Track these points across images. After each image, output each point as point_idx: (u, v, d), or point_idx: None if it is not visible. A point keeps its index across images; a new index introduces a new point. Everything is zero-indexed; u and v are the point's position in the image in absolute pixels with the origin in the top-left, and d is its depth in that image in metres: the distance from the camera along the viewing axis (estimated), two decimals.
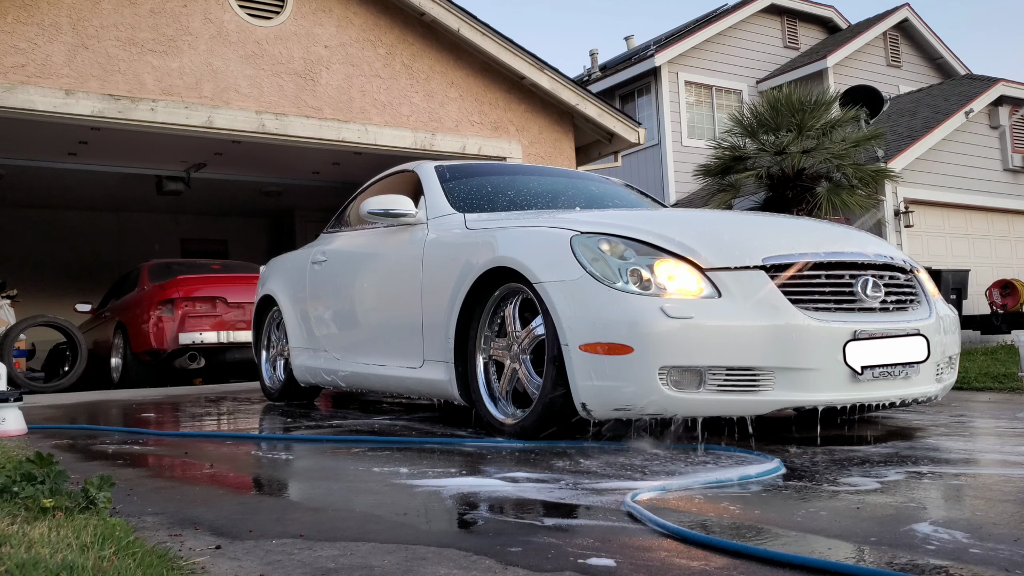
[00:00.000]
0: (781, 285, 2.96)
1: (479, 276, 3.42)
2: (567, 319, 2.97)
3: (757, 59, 16.43)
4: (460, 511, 2.05)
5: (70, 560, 1.44)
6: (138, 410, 5.26)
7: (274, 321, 5.58)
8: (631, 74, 15.53)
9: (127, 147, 9.41)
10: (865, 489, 2.19)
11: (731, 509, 1.99)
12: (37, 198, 13.17)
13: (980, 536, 1.68)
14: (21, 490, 1.99)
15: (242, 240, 15.75)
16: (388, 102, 8.96)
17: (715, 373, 2.84)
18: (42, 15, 7.22)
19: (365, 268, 4.47)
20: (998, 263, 13.17)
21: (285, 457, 3.09)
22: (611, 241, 3.06)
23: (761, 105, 11.07)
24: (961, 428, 3.46)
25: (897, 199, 11.92)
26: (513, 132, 9.75)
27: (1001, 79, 13.24)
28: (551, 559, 1.56)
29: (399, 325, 4.02)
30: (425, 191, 4.22)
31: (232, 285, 8.47)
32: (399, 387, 4.11)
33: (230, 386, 7.77)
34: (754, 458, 2.68)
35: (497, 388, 3.44)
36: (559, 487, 2.29)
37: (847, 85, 14.21)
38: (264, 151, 9.48)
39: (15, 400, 3.88)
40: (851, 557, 1.55)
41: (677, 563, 1.53)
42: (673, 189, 14.84)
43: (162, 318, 8.20)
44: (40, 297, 13.07)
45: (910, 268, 3.39)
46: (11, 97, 7.02)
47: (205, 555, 1.64)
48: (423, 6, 8.88)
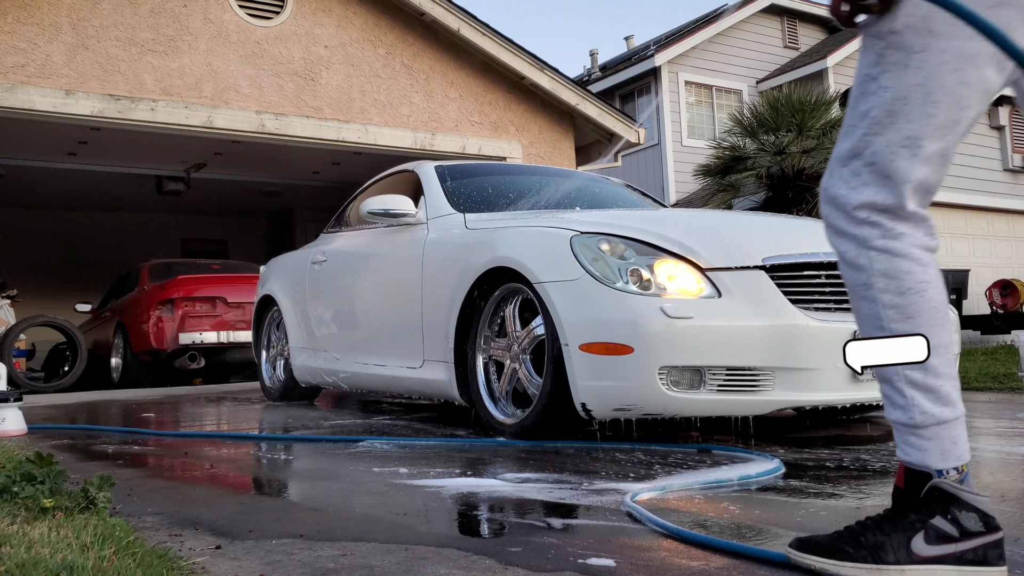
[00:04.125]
0: (781, 285, 2.96)
1: (479, 276, 3.42)
2: (567, 319, 2.97)
3: (757, 59, 16.43)
4: (460, 511, 2.05)
5: (70, 560, 1.44)
6: (138, 410, 5.26)
7: (274, 321, 5.58)
8: (631, 74, 15.53)
9: (127, 147, 9.41)
10: (865, 489, 2.19)
11: (731, 509, 1.99)
12: (37, 198, 13.17)
13: None
14: (21, 490, 1.99)
15: (242, 240, 15.75)
16: (388, 102, 8.96)
17: (715, 373, 2.84)
18: (42, 15, 7.22)
19: (365, 268, 4.47)
20: (998, 263, 13.17)
21: (285, 457, 3.09)
22: (611, 241, 3.06)
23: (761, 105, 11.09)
24: None
25: None
26: (513, 132, 9.75)
27: None
28: (551, 559, 1.56)
29: (399, 325, 4.02)
30: (425, 191, 4.22)
31: (232, 285, 8.47)
32: (399, 387, 4.11)
33: (230, 386, 7.78)
34: (754, 458, 2.68)
35: (497, 388, 3.44)
36: (559, 487, 2.29)
37: (847, 85, 14.21)
38: (264, 151, 9.48)
39: (15, 400, 3.88)
40: None
41: (677, 563, 1.53)
42: (673, 189, 14.84)
43: (162, 318, 8.20)
44: (40, 297, 13.08)
45: None
46: (11, 97, 7.02)
47: (205, 555, 1.64)
48: (423, 6, 8.88)
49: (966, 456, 1.36)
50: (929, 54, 1.31)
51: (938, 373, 1.36)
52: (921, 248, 1.37)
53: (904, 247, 1.36)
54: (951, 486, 1.33)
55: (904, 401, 1.39)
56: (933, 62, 1.31)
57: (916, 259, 1.36)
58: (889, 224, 1.36)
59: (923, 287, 1.35)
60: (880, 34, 1.35)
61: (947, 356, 1.37)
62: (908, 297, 1.36)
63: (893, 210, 1.36)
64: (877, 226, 1.36)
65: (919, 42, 1.32)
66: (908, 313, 1.37)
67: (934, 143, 1.35)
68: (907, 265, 1.36)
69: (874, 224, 1.36)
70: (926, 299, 1.36)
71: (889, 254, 1.36)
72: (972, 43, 1.29)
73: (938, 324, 1.37)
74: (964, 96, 1.33)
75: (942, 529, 1.32)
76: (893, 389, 1.44)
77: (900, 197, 1.35)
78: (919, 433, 1.36)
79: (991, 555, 1.31)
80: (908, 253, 1.36)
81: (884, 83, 1.34)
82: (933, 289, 1.36)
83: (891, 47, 1.33)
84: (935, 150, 1.36)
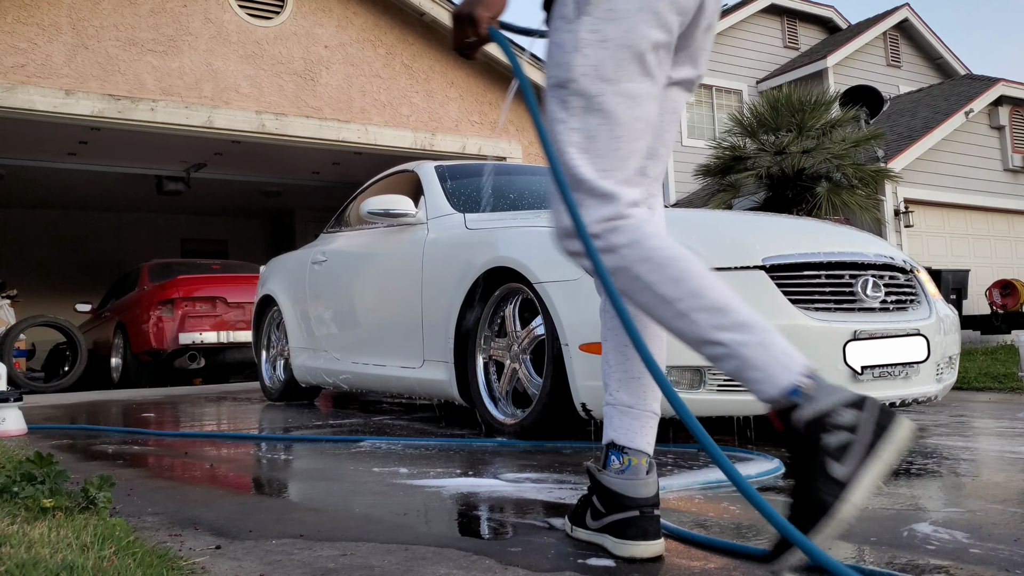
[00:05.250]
0: (781, 285, 2.96)
1: (479, 276, 3.42)
2: (567, 319, 2.97)
3: (757, 59, 16.43)
4: (460, 511, 2.05)
5: (70, 560, 1.44)
6: (138, 410, 5.26)
7: (274, 321, 5.58)
8: None
9: (127, 147, 9.42)
10: None
11: (731, 509, 1.99)
12: (37, 198, 13.18)
13: (980, 536, 1.68)
14: (21, 490, 1.99)
15: (242, 240, 15.76)
16: (388, 102, 8.96)
17: (715, 373, 2.84)
18: (42, 15, 7.22)
19: (365, 268, 4.47)
20: (998, 263, 13.17)
21: (285, 457, 3.09)
22: None
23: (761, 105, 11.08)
24: (961, 428, 3.46)
25: (897, 199, 11.92)
26: (513, 132, 9.75)
27: (1001, 79, 13.24)
28: (551, 559, 1.56)
29: (399, 325, 4.02)
30: (425, 191, 4.22)
31: (232, 285, 8.48)
32: (399, 387, 4.11)
33: (230, 386, 7.78)
34: (754, 458, 2.68)
35: (497, 388, 3.43)
36: (559, 487, 2.29)
37: (847, 85, 14.22)
38: (264, 151, 9.48)
39: (15, 400, 3.88)
40: (851, 557, 1.55)
41: (677, 563, 1.53)
42: (673, 189, 14.84)
43: (162, 318, 8.20)
44: (40, 297, 13.08)
45: (910, 268, 3.39)
46: (11, 97, 7.02)
47: (205, 555, 1.64)
48: (423, 6, 8.89)
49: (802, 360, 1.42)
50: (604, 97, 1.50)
51: (731, 308, 1.43)
52: (648, 223, 1.49)
53: (637, 237, 1.47)
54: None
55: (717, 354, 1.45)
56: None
57: (654, 235, 1.47)
58: (613, 233, 1.47)
59: (672, 258, 1.45)
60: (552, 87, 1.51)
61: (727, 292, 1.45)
62: (668, 268, 1.44)
63: (615, 215, 1.47)
64: (603, 235, 1.47)
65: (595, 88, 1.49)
66: (677, 278, 1.43)
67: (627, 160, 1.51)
68: (654, 241, 1.46)
69: (600, 235, 1.47)
70: (684, 260, 1.45)
71: (626, 247, 1.46)
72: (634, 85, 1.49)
73: (703, 276, 1.44)
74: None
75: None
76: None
77: (616, 201, 1.47)
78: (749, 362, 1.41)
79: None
80: (646, 231, 1.47)
81: (573, 124, 1.49)
82: (679, 253, 1.46)
83: (572, 95, 1.48)
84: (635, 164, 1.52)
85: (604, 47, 1.44)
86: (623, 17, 1.44)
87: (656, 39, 1.46)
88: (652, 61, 1.47)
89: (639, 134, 1.49)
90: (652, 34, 1.45)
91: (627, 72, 1.45)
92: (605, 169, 1.47)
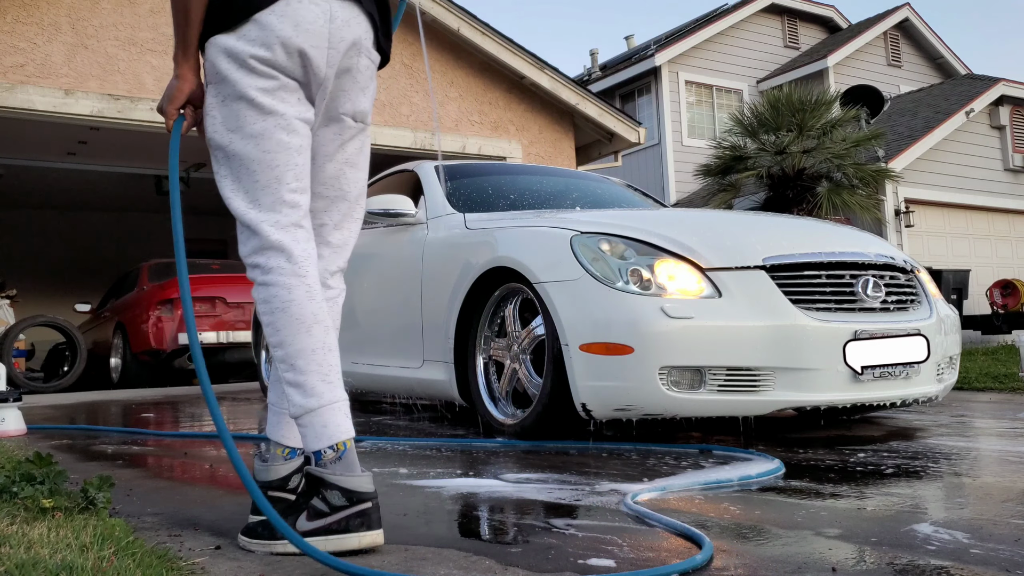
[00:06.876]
0: (781, 285, 2.96)
1: (479, 276, 3.41)
2: (567, 319, 2.97)
3: (757, 59, 16.43)
4: (460, 511, 2.05)
5: (70, 560, 1.44)
6: (138, 410, 5.26)
7: None
8: (631, 74, 15.53)
9: (127, 147, 9.41)
10: (866, 489, 2.19)
11: (731, 509, 1.98)
12: (37, 198, 13.17)
13: (981, 536, 1.68)
14: (21, 490, 1.99)
15: None
16: (388, 102, 8.96)
17: (715, 373, 2.84)
18: (42, 15, 7.22)
19: (364, 268, 4.46)
20: (999, 263, 13.17)
21: None
22: (611, 241, 3.06)
23: (761, 105, 11.08)
24: (962, 428, 3.46)
25: (898, 199, 11.92)
26: (513, 132, 9.75)
27: (1002, 79, 13.24)
28: (551, 559, 1.56)
29: (398, 325, 4.02)
30: (425, 191, 4.22)
31: (232, 285, 8.47)
32: (399, 387, 4.11)
33: (230, 386, 7.77)
34: (754, 458, 2.67)
35: (497, 388, 3.43)
36: (559, 487, 2.29)
37: (847, 85, 14.21)
38: None
39: (15, 400, 3.88)
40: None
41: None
42: (673, 189, 14.84)
43: (162, 318, 8.20)
44: (40, 297, 13.08)
45: (911, 268, 3.39)
46: (11, 97, 7.02)
47: (205, 555, 1.64)
48: (423, 6, 8.88)
49: (340, 435, 1.63)
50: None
51: (303, 371, 1.65)
52: (288, 275, 1.69)
53: (271, 277, 1.69)
54: (318, 470, 1.62)
55: (286, 401, 1.70)
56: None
57: (281, 285, 1.68)
58: (262, 261, 1.70)
59: (286, 305, 1.67)
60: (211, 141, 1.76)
61: (313, 357, 1.66)
62: (276, 315, 1.67)
63: (261, 249, 1.70)
64: (256, 267, 1.71)
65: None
66: (277, 327, 1.67)
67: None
68: (273, 291, 1.68)
69: (254, 266, 1.72)
70: (288, 314, 1.66)
71: (264, 285, 1.70)
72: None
73: (303, 332, 1.66)
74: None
75: (316, 507, 1.61)
76: (281, 392, 1.82)
77: (262, 238, 1.70)
78: (299, 422, 1.65)
79: (352, 524, 1.58)
80: (274, 281, 1.68)
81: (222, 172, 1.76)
82: (295, 305, 1.67)
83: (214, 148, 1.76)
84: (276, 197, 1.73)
85: (225, 105, 1.70)
86: (226, 79, 1.69)
87: (262, 86, 1.68)
88: (268, 102, 1.69)
89: (276, 164, 1.70)
90: (256, 83, 1.68)
91: (246, 117, 1.69)
92: (253, 201, 1.70)
